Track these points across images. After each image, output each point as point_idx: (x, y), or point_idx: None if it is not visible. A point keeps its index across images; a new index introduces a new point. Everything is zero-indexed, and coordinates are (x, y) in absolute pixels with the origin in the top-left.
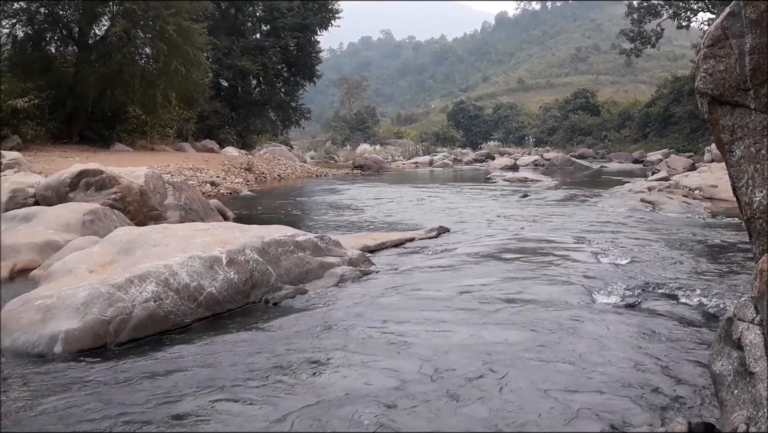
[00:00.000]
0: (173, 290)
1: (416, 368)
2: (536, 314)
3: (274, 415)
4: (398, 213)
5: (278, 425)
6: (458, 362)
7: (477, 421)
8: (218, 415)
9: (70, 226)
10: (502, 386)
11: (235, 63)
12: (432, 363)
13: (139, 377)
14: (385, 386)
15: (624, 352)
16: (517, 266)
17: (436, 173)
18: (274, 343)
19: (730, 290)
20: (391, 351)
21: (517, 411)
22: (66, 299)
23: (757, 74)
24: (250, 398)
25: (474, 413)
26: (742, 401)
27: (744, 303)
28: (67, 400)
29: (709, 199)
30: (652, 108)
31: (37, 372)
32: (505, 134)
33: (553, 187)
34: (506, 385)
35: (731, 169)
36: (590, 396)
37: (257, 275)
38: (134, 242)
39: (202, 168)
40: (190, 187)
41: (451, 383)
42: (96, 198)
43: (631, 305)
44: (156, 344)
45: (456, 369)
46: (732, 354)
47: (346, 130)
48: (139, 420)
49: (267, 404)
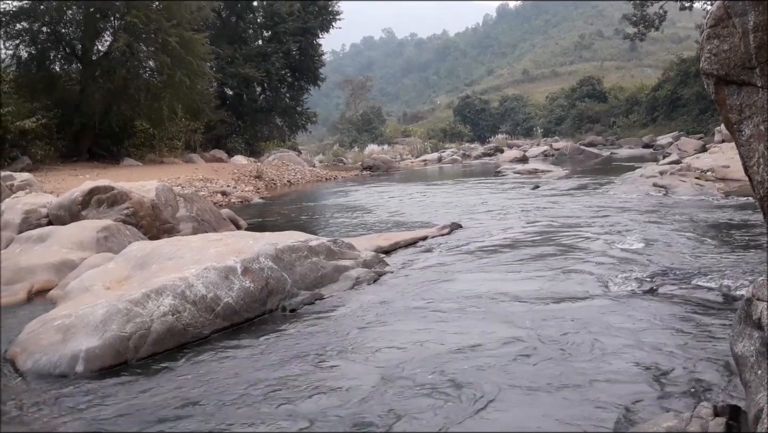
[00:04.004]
0: (190, 303)
1: (442, 367)
2: (556, 305)
3: (297, 426)
4: (410, 212)
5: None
6: (477, 361)
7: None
8: (242, 428)
9: (85, 244)
10: (530, 377)
11: (238, 71)
12: (454, 363)
13: (162, 392)
14: (399, 387)
15: (645, 338)
16: (532, 258)
17: (445, 170)
18: (292, 350)
19: (747, 269)
20: (410, 351)
21: (545, 404)
22: (84, 317)
23: (762, 52)
24: (272, 408)
25: (509, 405)
26: (765, 381)
27: (762, 282)
28: (92, 419)
29: (722, 180)
30: (660, 91)
31: (60, 393)
32: (513, 126)
33: (563, 176)
34: (533, 375)
35: (741, 148)
36: (613, 382)
37: (273, 283)
38: (149, 256)
39: (212, 178)
40: (201, 198)
41: (481, 385)
42: (108, 214)
43: (649, 290)
44: (176, 358)
45: (483, 369)
46: (753, 334)
47: (353, 131)
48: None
49: (289, 415)
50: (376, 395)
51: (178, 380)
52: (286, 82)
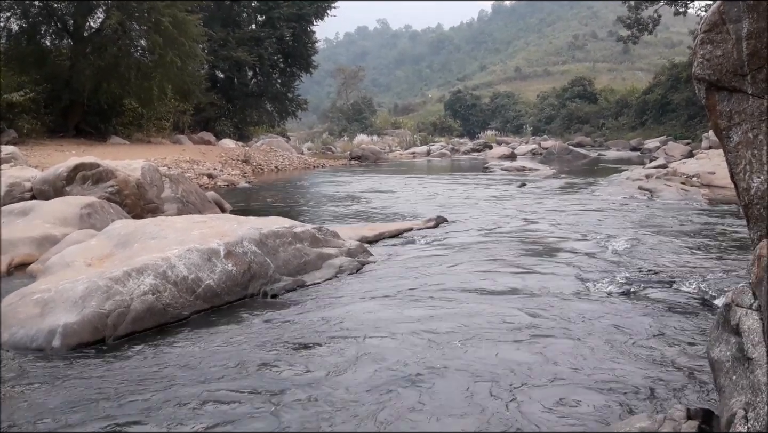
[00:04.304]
0: (171, 283)
1: (410, 357)
2: (531, 302)
3: (271, 407)
4: (396, 203)
5: (274, 420)
6: (453, 351)
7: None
8: (216, 408)
9: (68, 220)
10: (493, 373)
11: (230, 54)
12: (428, 352)
13: (137, 371)
14: (375, 375)
15: (621, 339)
16: (513, 255)
17: (433, 163)
18: (271, 335)
19: (728, 276)
20: (388, 340)
21: (507, 399)
22: (64, 292)
23: (754, 59)
24: (248, 390)
25: (472, 404)
26: (740, 386)
27: (742, 289)
28: (64, 394)
29: (707, 186)
30: (650, 95)
31: (35, 367)
32: (503, 123)
33: (551, 176)
34: (496, 373)
35: (729, 155)
36: (586, 384)
37: (255, 267)
38: (132, 235)
39: (199, 160)
40: (187, 180)
41: (452, 374)
42: (93, 191)
43: (628, 292)
44: (154, 337)
45: (457, 358)
46: (730, 340)
47: (343, 120)
48: (136, 413)
49: (264, 397)
50: (349, 378)
51: (155, 359)
52: (278, 68)
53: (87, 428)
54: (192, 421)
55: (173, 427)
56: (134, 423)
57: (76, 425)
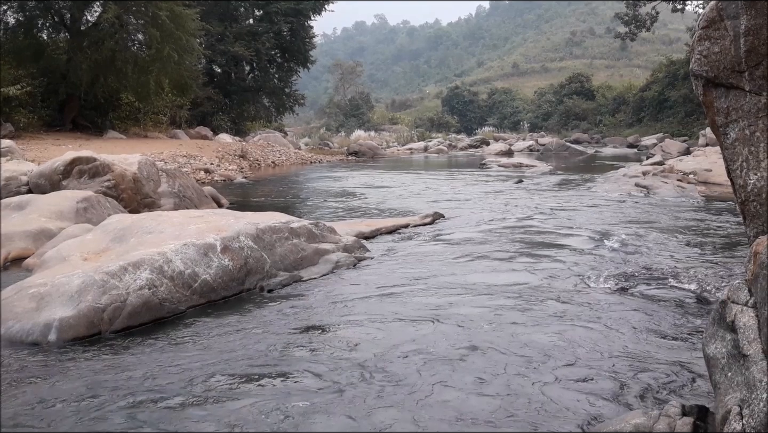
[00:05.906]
0: (168, 278)
1: (408, 352)
2: (526, 298)
3: (268, 402)
4: (393, 199)
5: (270, 414)
6: (449, 348)
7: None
8: (210, 402)
9: (64, 214)
10: (489, 369)
11: (228, 49)
12: (420, 344)
13: (132, 365)
14: (371, 367)
15: (617, 335)
16: (509, 251)
17: (430, 159)
18: (267, 329)
19: (723, 273)
20: (383, 334)
21: (501, 394)
22: (60, 286)
23: (751, 56)
24: (244, 383)
25: (463, 394)
26: (735, 383)
27: (738, 286)
28: (59, 388)
29: (703, 183)
30: (647, 92)
31: (31, 360)
32: (500, 120)
33: (547, 172)
34: (491, 370)
35: (726, 151)
36: (582, 380)
37: (252, 262)
38: (128, 229)
39: (196, 155)
40: (183, 175)
41: (443, 365)
42: (89, 186)
43: (624, 289)
44: (150, 332)
45: (453, 350)
46: (726, 337)
47: (341, 116)
48: (130, 408)
49: (261, 390)
50: (343, 372)
51: (150, 353)
52: (275, 63)
53: (82, 421)
54: (187, 414)
55: (168, 420)
56: (129, 417)
57: (71, 419)
